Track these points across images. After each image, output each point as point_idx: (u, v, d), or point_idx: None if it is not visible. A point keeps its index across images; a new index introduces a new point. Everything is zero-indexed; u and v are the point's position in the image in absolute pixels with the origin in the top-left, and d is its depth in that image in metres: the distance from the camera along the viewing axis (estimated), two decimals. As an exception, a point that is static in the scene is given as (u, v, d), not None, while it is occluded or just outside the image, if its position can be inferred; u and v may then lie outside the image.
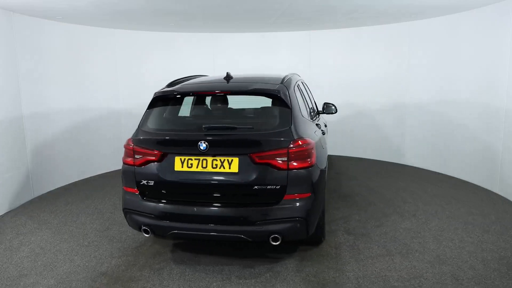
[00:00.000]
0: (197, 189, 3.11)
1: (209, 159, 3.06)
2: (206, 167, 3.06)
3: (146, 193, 3.21)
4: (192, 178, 3.08)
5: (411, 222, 4.27)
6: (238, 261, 3.45)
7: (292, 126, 3.11)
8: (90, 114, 6.24)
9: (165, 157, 3.14)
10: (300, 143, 3.03)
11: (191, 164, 3.08)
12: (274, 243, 3.06)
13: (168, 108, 3.44)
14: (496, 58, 5.04)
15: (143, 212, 3.18)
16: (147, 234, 3.22)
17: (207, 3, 4.52)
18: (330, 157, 7.38)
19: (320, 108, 5.56)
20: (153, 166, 3.16)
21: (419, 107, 6.55)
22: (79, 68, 6.03)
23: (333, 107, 5.52)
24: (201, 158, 3.06)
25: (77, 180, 6.13)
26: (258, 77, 3.75)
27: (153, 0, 4.30)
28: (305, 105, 4.24)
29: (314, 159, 3.14)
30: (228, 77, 3.66)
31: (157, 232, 3.22)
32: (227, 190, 3.06)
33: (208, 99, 3.86)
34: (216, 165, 3.04)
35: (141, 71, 6.76)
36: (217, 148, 3.05)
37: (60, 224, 4.36)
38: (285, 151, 2.98)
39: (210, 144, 3.02)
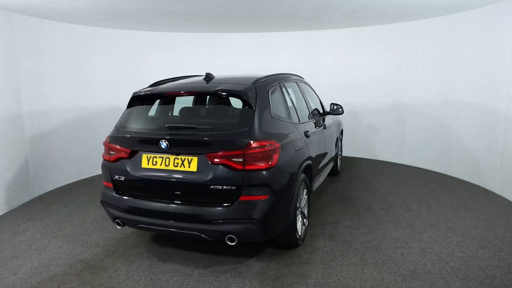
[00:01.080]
0: (160, 186, 3.22)
1: (171, 157, 3.15)
2: (168, 165, 3.16)
3: (119, 187, 3.39)
4: (156, 175, 3.20)
5: (404, 231, 4.03)
6: (207, 258, 3.51)
7: (253, 127, 3.09)
8: (90, 114, 6.22)
9: (134, 155, 3.29)
10: (257, 145, 3.01)
11: (156, 162, 3.20)
12: (230, 243, 3.08)
13: (142, 108, 3.58)
14: (496, 58, 4.99)
15: (116, 206, 3.37)
16: (120, 226, 3.41)
17: (207, 3, 4.56)
18: (347, 159, 7.21)
19: (327, 109, 5.45)
20: (124, 162, 3.33)
21: (420, 107, 6.54)
22: (79, 68, 6.02)
23: (340, 109, 5.38)
24: (165, 156, 3.17)
25: (77, 180, 6.15)
26: (235, 78, 3.76)
27: (153, 0, 4.36)
28: (293, 106, 4.18)
29: (275, 161, 3.10)
30: (207, 78, 3.73)
31: (128, 224, 3.39)
32: (186, 188, 3.14)
33: (186, 99, 3.94)
34: (177, 163, 3.13)
35: (141, 71, 6.74)
36: (177, 147, 3.13)
37: (60, 223, 4.49)
38: (240, 152, 2.98)
39: (170, 143, 3.11)
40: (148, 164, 3.23)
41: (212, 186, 3.04)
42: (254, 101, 3.24)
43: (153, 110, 3.54)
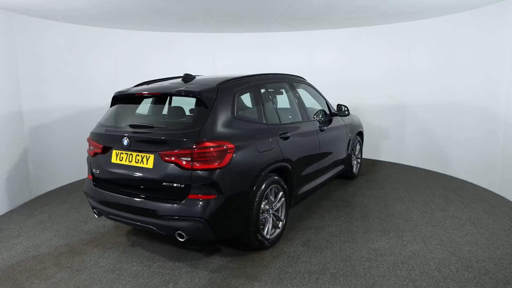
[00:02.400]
0: (124, 180, 3.42)
1: (134, 154, 3.33)
2: (131, 161, 3.35)
3: (96, 180, 3.68)
4: (121, 170, 3.41)
5: (388, 242, 3.76)
6: (175, 253, 3.63)
7: (205, 128, 3.14)
8: (90, 114, 6.08)
9: (108, 151, 3.53)
10: (205, 145, 3.06)
11: (122, 158, 3.41)
12: (180, 239, 3.18)
13: (118, 107, 3.80)
14: (496, 58, 4.97)
15: (93, 197, 3.65)
16: (97, 215, 3.69)
17: (207, 3, 4.61)
18: (364, 161, 6.90)
19: (333, 110, 5.27)
20: (100, 157, 3.59)
21: (420, 107, 6.51)
22: (79, 68, 6.00)
23: (346, 111, 5.20)
24: (129, 153, 3.36)
25: (77, 180, 6.13)
26: (208, 79, 3.81)
27: (153, 0, 4.42)
28: (274, 107, 4.10)
29: (225, 162, 3.12)
30: (186, 79, 3.85)
31: (103, 214, 3.66)
32: (144, 184, 3.30)
33: (160, 100, 4.01)
34: (138, 160, 3.30)
35: (141, 71, 6.72)
36: (136, 145, 3.30)
37: (61, 213, 4.71)
38: (188, 151, 3.05)
39: (131, 141, 3.30)
40: (116, 159, 3.45)
41: (164, 183, 3.16)
42: (211, 102, 3.28)
43: (124, 109, 3.76)
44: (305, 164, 4.31)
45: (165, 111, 3.83)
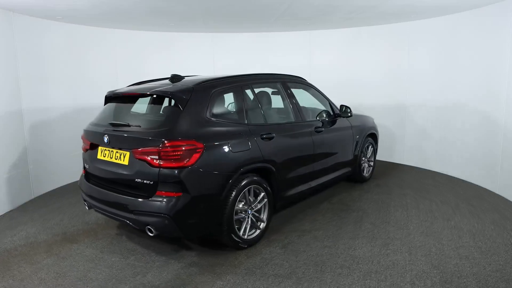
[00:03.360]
0: (106, 175, 3.61)
1: (114, 151, 3.50)
2: (112, 158, 3.52)
3: (87, 174, 3.91)
4: (104, 166, 3.60)
5: (370, 251, 3.60)
6: (156, 247, 3.77)
7: (174, 127, 3.22)
8: (90, 114, 5.94)
9: (96, 147, 3.75)
10: (172, 144, 3.13)
11: (105, 154, 3.60)
12: (150, 234, 3.30)
13: (107, 106, 3.99)
14: (496, 57, 4.95)
15: (84, 190, 3.90)
16: (87, 208, 3.93)
17: (207, 3, 4.64)
18: (381, 164, 6.65)
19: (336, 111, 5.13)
20: (89, 153, 3.82)
21: (420, 107, 6.47)
22: (79, 68, 5.99)
23: (348, 112, 5.05)
24: (111, 149, 3.54)
25: (77, 180, 5.79)
26: (190, 80, 3.86)
27: (153, 0, 4.45)
28: (260, 108, 4.06)
29: (193, 161, 3.18)
30: (173, 79, 3.95)
31: (92, 207, 3.88)
32: (121, 179, 3.45)
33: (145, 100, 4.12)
34: (117, 156, 3.47)
35: (141, 71, 6.68)
36: (115, 142, 3.47)
37: (66, 212, 4.78)
38: (156, 150, 3.15)
39: (110, 138, 3.47)
40: (101, 155, 3.65)
41: (136, 180, 3.30)
42: (184, 102, 3.35)
43: (112, 108, 3.93)
44: (296, 166, 4.24)
45: (143, 110, 3.95)
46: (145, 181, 3.25)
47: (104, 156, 3.61)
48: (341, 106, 5.08)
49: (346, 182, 5.75)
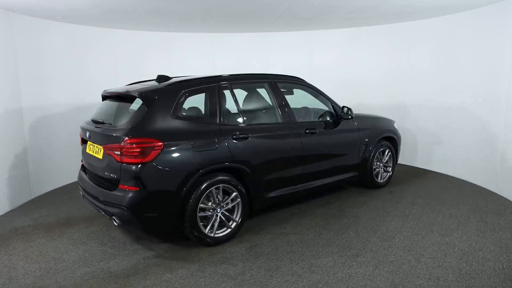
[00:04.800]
0: (89, 167, 3.93)
1: (95, 146, 3.80)
2: (93, 152, 3.83)
3: (82, 166, 4.30)
4: (89, 159, 3.92)
5: (333, 261, 3.40)
6: (136, 238, 3.97)
7: (137, 125, 3.40)
8: (90, 114, 5.92)
9: (86, 142, 4.10)
10: (131, 141, 3.32)
11: (90, 148, 3.92)
12: (115, 224, 3.55)
13: (103, 104, 4.27)
14: (496, 57, 4.93)
15: (78, 180, 4.29)
16: (83, 197, 4.32)
17: (207, 3, 4.64)
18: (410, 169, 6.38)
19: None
20: (82, 147, 4.19)
21: (420, 107, 6.44)
22: (79, 68, 5.99)
23: (349, 114, 4.80)
24: (93, 144, 3.85)
25: (77, 179, 6.21)
26: (171, 81, 3.97)
27: (153, 0, 4.47)
28: (238, 108, 4.03)
29: (151, 158, 3.33)
30: (159, 80, 4.12)
31: (84, 196, 4.25)
32: (97, 171, 3.75)
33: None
34: (96, 151, 3.76)
35: (141, 71, 6.60)
36: (93, 138, 3.77)
37: (79, 199, 5.05)
38: (118, 146, 3.37)
39: (91, 134, 3.79)
40: (88, 150, 3.98)
41: (106, 173, 3.56)
42: (150, 102, 3.51)
43: (103, 106, 4.19)
44: (278, 167, 4.16)
45: (117, 110, 4.11)
46: (111, 175, 3.50)
47: (90, 150, 3.93)
48: (342, 107, 4.83)
49: (357, 188, 5.44)
